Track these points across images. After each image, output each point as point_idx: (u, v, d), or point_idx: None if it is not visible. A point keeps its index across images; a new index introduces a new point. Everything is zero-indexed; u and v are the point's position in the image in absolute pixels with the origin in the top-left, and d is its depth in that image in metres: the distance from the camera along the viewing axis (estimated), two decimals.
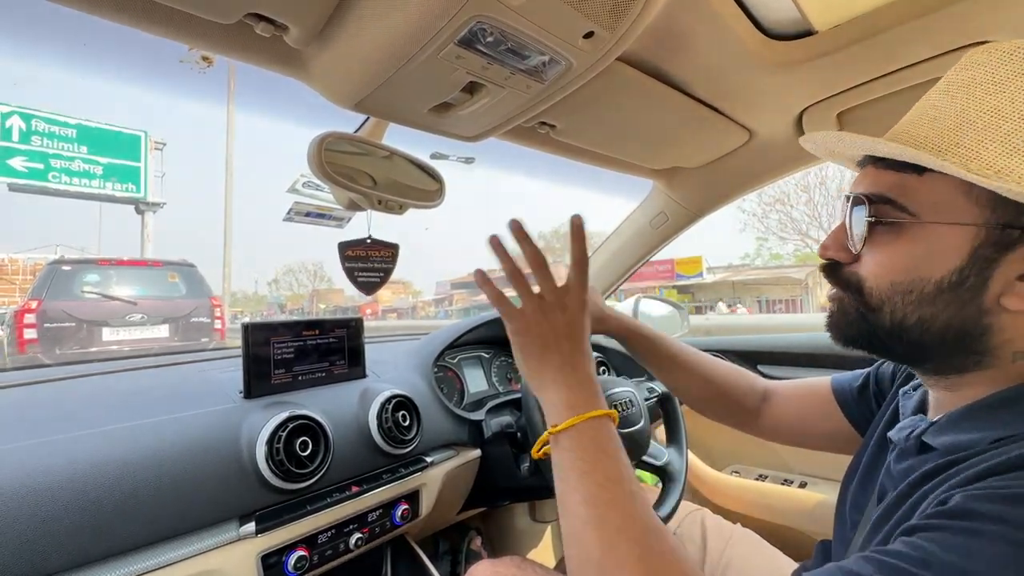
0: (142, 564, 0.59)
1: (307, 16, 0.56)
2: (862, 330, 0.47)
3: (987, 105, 0.39)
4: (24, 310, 5.19)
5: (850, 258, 0.47)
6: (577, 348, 0.55)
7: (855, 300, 0.46)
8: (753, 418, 0.79)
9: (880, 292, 0.44)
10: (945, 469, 0.40)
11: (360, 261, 0.86)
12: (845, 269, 0.48)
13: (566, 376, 0.53)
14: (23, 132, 9.04)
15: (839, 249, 0.48)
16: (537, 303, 0.56)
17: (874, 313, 0.45)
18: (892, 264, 0.43)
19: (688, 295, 21.13)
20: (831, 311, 0.50)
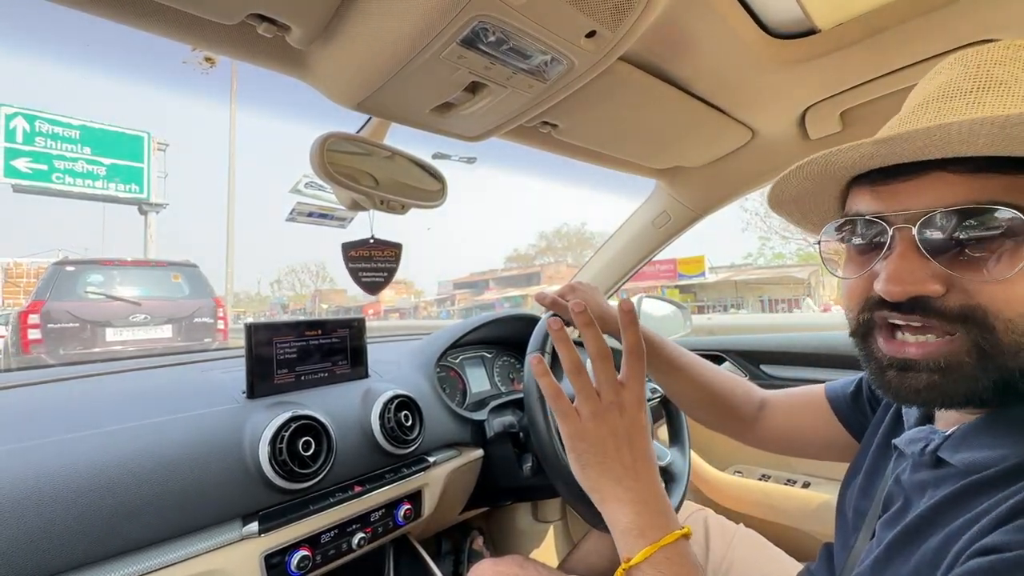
0: (145, 564, 0.59)
1: (309, 16, 0.56)
2: (986, 383, 0.37)
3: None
4: (28, 311, 5.21)
5: (944, 290, 0.37)
6: (640, 455, 0.50)
7: (977, 342, 0.36)
8: (749, 428, 0.79)
9: (1012, 323, 0.36)
10: (968, 496, 0.38)
11: (364, 261, 0.86)
12: (942, 302, 0.37)
13: (628, 491, 0.49)
14: (27, 133, 9.08)
15: (929, 278, 0.37)
16: (595, 405, 0.51)
17: (1010, 356, 0.36)
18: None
19: (690, 295, 21.11)
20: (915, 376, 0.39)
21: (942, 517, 0.39)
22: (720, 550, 0.87)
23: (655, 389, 1.06)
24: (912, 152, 0.37)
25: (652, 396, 1.03)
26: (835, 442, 0.69)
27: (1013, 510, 0.33)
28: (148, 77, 35.83)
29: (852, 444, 0.65)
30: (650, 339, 0.82)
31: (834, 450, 0.70)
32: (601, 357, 0.52)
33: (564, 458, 0.74)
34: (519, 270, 40.14)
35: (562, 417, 0.52)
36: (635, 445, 0.51)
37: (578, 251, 43.10)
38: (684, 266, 21.20)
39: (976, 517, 0.36)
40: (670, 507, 0.50)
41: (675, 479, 0.91)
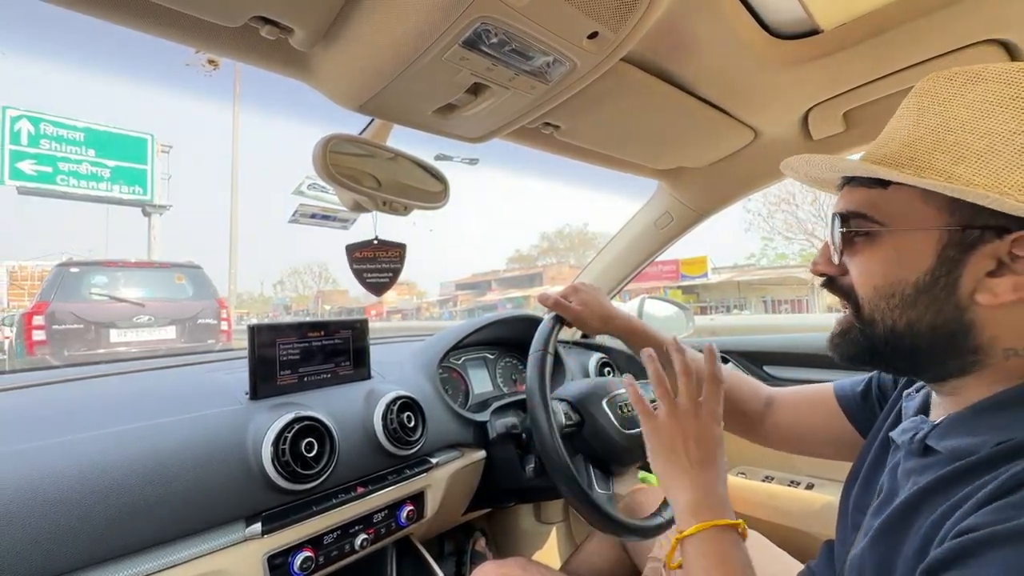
0: (149, 565, 0.59)
1: (312, 19, 0.56)
2: (863, 346, 0.48)
3: (934, 122, 0.44)
4: (33, 312, 5.23)
5: (837, 271, 0.50)
6: (706, 457, 0.56)
7: (854, 315, 0.48)
8: (757, 425, 0.79)
9: (867, 299, 0.46)
10: (952, 482, 0.41)
11: (369, 262, 0.86)
12: (839, 280, 0.51)
13: (693, 479, 0.55)
14: (32, 136, 9.13)
15: (827, 264, 0.52)
16: (672, 408, 0.58)
17: (870, 326, 0.47)
18: (871, 270, 0.46)
19: (693, 295, 21.05)
20: (834, 335, 0.52)
21: (926, 503, 0.41)
22: None
23: None
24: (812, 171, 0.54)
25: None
26: (842, 440, 0.69)
27: (991, 493, 0.36)
28: (152, 80, 36.01)
29: (858, 442, 0.65)
30: (655, 338, 0.82)
31: (841, 448, 0.70)
32: (686, 373, 0.60)
33: (571, 466, 0.74)
34: (521, 271, 40.13)
35: (644, 416, 0.60)
36: (703, 447, 0.57)
37: (580, 252, 43.06)
38: (687, 267, 21.16)
39: (959, 502, 0.38)
40: (727, 502, 0.55)
41: None
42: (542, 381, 0.76)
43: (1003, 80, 0.41)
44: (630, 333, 0.82)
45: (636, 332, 0.82)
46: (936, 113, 0.44)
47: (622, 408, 0.89)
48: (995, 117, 0.40)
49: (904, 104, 0.48)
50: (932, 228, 0.42)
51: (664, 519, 0.82)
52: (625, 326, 0.83)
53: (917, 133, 0.44)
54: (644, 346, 0.82)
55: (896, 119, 0.48)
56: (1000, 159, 0.39)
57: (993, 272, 0.41)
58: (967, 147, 0.41)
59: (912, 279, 0.43)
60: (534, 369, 0.77)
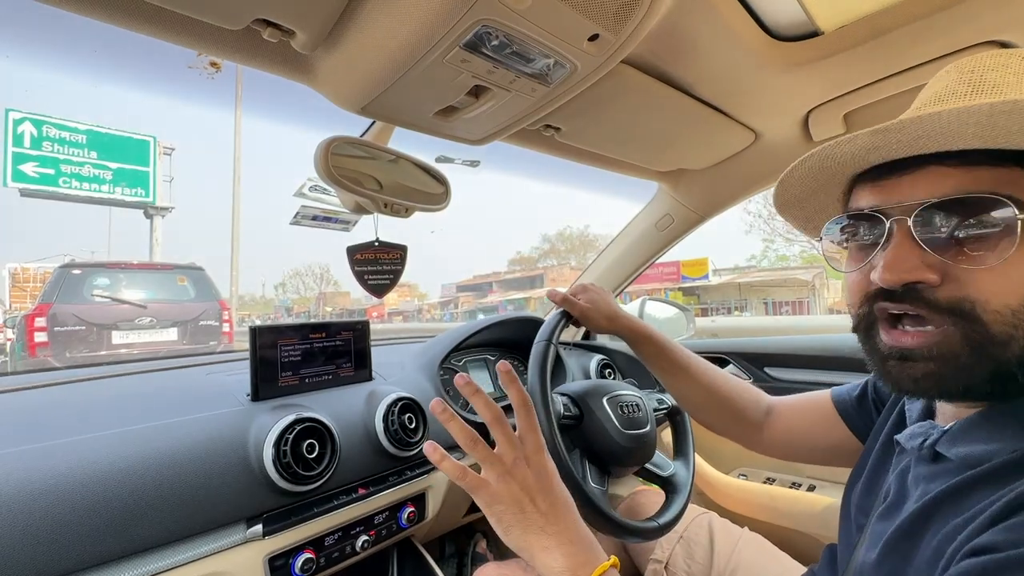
0: (150, 566, 0.59)
1: (314, 22, 0.57)
2: (978, 375, 0.38)
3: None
4: (35, 314, 5.25)
5: (938, 279, 0.38)
6: (554, 499, 0.51)
7: (968, 333, 0.37)
8: (757, 432, 0.78)
9: (1009, 312, 0.36)
10: (964, 492, 0.39)
11: (369, 264, 0.86)
12: (935, 293, 0.38)
13: (552, 537, 0.49)
14: (34, 138, 9.17)
15: (922, 268, 0.38)
16: (499, 467, 0.51)
17: (1001, 346, 0.36)
18: (1019, 275, 0.36)
19: (694, 297, 21.03)
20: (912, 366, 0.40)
21: (938, 513, 0.39)
22: (725, 553, 0.87)
23: (662, 400, 1.05)
24: (907, 143, 0.38)
25: (659, 407, 1.03)
26: (842, 447, 0.69)
27: (1007, 508, 0.34)
28: (154, 82, 36.15)
29: (858, 449, 0.65)
30: (659, 340, 0.82)
31: (841, 455, 0.70)
32: (496, 421, 0.53)
33: (567, 461, 0.74)
34: (522, 273, 40.13)
35: (473, 490, 0.51)
36: (548, 490, 0.51)
37: (581, 254, 43.07)
38: (688, 268, 21.15)
39: (972, 516, 0.36)
40: (594, 541, 0.50)
41: (677, 490, 0.91)
42: (543, 371, 0.76)
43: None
44: (633, 333, 0.83)
45: (639, 333, 0.83)
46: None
47: (623, 408, 0.88)
48: None
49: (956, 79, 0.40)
50: None
51: (665, 520, 0.82)
52: (629, 326, 0.83)
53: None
54: (646, 346, 0.82)
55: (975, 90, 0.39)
56: None
57: None
58: None
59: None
60: (537, 358, 0.77)
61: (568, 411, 0.86)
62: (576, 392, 0.90)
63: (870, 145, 0.40)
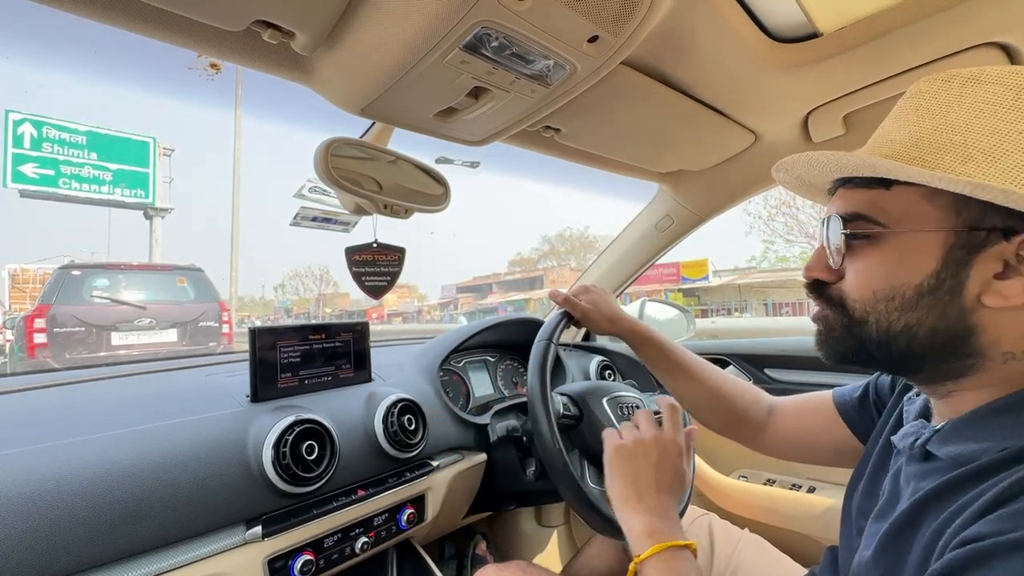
0: (149, 568, 0.59)
1: (314, 23, 0.57)
2: (850, 345, 0.48)
3: (935, 123, 0.43)
4: (34, 315, 5.24)
5: (833, 276, 0.49)
6: (664, 483, 0.60)
7: (840, 315, 0.48)
8: (758, 432, 0.78)
9: (864, 303, 0.45)
10: (953, 489, 0.40)
11: (367, 265, 0.86)
12: (829, 288, 0.50)
13: (647, 503, 0.58)
14: (34, 139, 9.17)
15: (822, 269, 0.50)
16: (635, 434, 0.64)
17: (860, 326, 0.46)
18: (871, 273, 0.45)
19: (694, 298, 21.02)
20: (818, 331, 0.51)
21: (929, 510, 0.41)
22: (725, 555, 0.87)
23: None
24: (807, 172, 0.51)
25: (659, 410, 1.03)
26: (843, 448, 0.69)
27: (993, 501, 0.35)
28: (154, 83, 36.22)
29: (860, 450, 0.65)
30: (660, 341, 0.82)
31: (843, 456, 0.70)
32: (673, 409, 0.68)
33: (567, 462, 0.74)
34: (522, 274, 40.14)
35: (608, 436, 0.65)
36: (662, 473, 0.61)
37: (581, 255, 43.08)
38: (687, 269, 21.14)
39: (959, 509, 0.38)
40: (680, 526, 0.57)
41: None
42: (543, 370, 0.76)
43: (1003, 83, 0.41)
44: (634, 335, 0.83)
45: (640, 334, 0.83)
46: (937, 114, 0.43)
47: (623, 409, 0.88)
48: (1000, 118, 0.40)
49: (900, 106, 0.48)
50: (938, 229, 0.41)
51: None
52: (630, 327, 0.83)
53: (919, 133, 0.43)
54: (647, 348, 0.83)
55: (892, 120, 0.48)
56: (1009, 158, 0.38)
57: (1000, 274, 0.40)
58: (974, 146, 0.40)
59: (915, 282, 0.42)
60: (537, 358, 0.77)
61: (568, 411, 0.86)
62: (576, 392, 0.90)
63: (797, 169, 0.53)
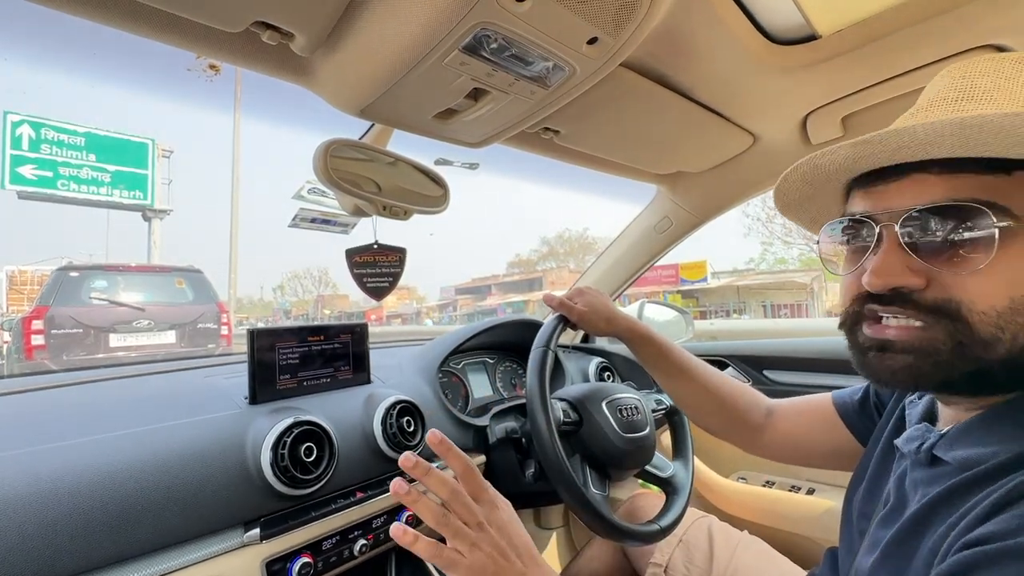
0: (147, 570, 0.59)
1: (313, 24, 0.57)
2: (963, 368, 0.39)
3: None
4: (32, 316, 5.23)
5: (923, 282, 0.40)
6: (525, 551, 0.52)
7: (953, 331, 0.38)
8: (757, 435, 0.78)
9: (997, 315, 0.37)
10: (959, 494, 0.39)
11: (368, 267, 0.86)
12: (922, 295, 0.40)
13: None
14: (33, 140, 9.15)
15: (907, 272, 0.40)
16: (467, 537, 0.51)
17: (985, 346, 0.38)
18: (1007, 278, 0.37)
19: (693, 300, 21.04)
20: (892, 357, 0.41)
21: (935, 515, 0.40)
22: (724, 557, 0.87)
23: (660, 400, 1.05)
24: (887, 153, 0.40)
25: (658, 407, 1.03)
26: (842, 450, 0.69)
27: (997, 504, 0.35)
28: (153, 84, 36.23)
29: (859, 452, 0.65)
30: (659, 342, 0.82)
31: (841, 458, 0.70)
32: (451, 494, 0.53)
33: (567, 464, 0.74)
34: (521, 275, 40.17)
35: (449, 567, 0.50)
36: (517, 545, 0.52)
37: (580, 256, 43.13)
38: (686, 271, 21.16)
39: (966, 512, 0.37)
40: None
41: (677, 491, 0.91)
42: (542, 377, 0.76)
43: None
44: (632, 335, 0.83)
45: (638, 334, 0.82)
46: None
47: (623, 411, 0.88)
48: None
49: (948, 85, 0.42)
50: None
51: (666, 523, 0.82)
52: (628, 327, 0.83)
53: None
54: (646, 348, 0.82)
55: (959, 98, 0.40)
56: None
57: None
58: None
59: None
60: (535, 365, 0.77)
61: (567, 417, 0.86)
62: (575, 397, 0.89)
63: (853, 156, 0.42)
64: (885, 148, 0.40)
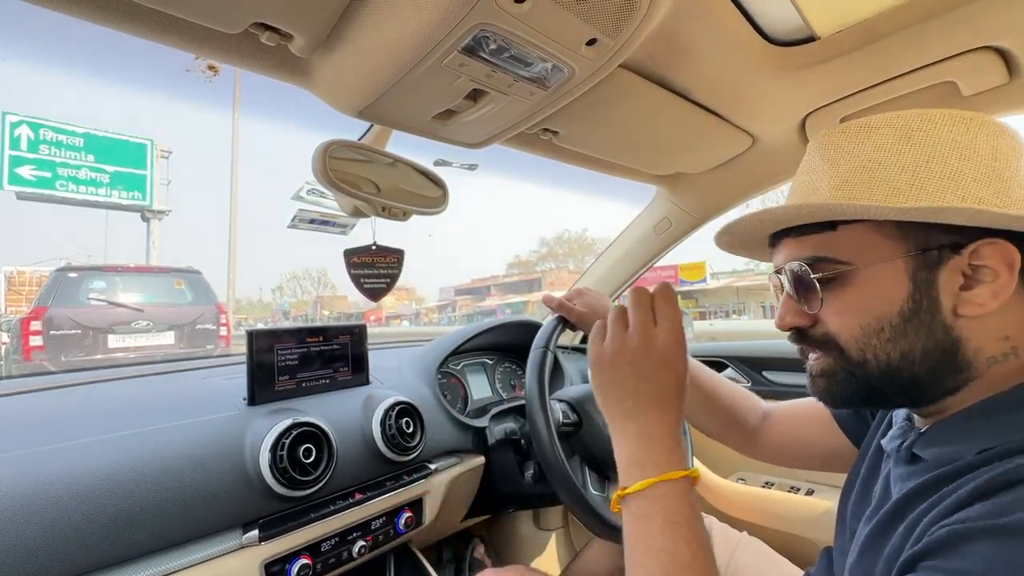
0: (146, 572, 0.59)
1: (312, 25, 0.57)
2: (855, 387, 0.46)
3: (851, 167, 0.45)
4: (30, 317, 5.22)
5: (810, 321, 0.48)
6: (659, 395, 0.51)
7: (837, 358, 0.47)
8: (753, 437, 0.79)
9: (856, 340, 0.45)
10: (934, 487, 0.41)
11: (366, 268, 0.86)
12: (812, 331, 0.49)
13: (639, 424, 0.50)
14: (31, 141, 9.14)
15: (797, 315, 0.49)
16: (620, 343, 0.53)
17: (860, 366, 0.45)
18: (853, 309, 0.45)
19: (692, 301, 21.06)
20: (815, 381, 0.50)
21: (909, 507, 0.42)
22: (724, 558, 0.87)
23: None
24: (764, 225, 0.50)
25: None
26: (838, 453, 0.69)
27: (971, 494, 0.36)
28: (152, 85, 36.24)
29: (854, 454, 0.65)
30: None
31: (838, 461, 0.70)
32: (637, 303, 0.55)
33: (566, 465, 0.74)
34: (521, 276, 40.18)
35: (592, 341, 0.56)
36: (659, 382, 0.52)
37: (579, 257, 43.16)
38: (686, 272, 21.16)
39: (938, 501, 0.39)
40: (681, 449, 0.50)
41: None
42: (541, 378, 0.76)
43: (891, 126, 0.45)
44: None
45: None
46: (848, 159, 0.46)
47: None
48: (904, 153, 0.43)
49: (807, 161, 0.50)
50: (896, 256, 0.43)
51: None
52: None
53: (843, 176, 0.45)
54: None
55: (806, 173, 0.49)
56: (929, 184, 0.41)
57: (964, 286, 0.41)
58: (896, 180, 0.42)
59: (896, 309, 0.43)
60: (534, 366, 0.77)
61: (567, 418, 0.85)
62: (574, 398, 0.89)
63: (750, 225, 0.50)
64: (760, 221, 0.49)
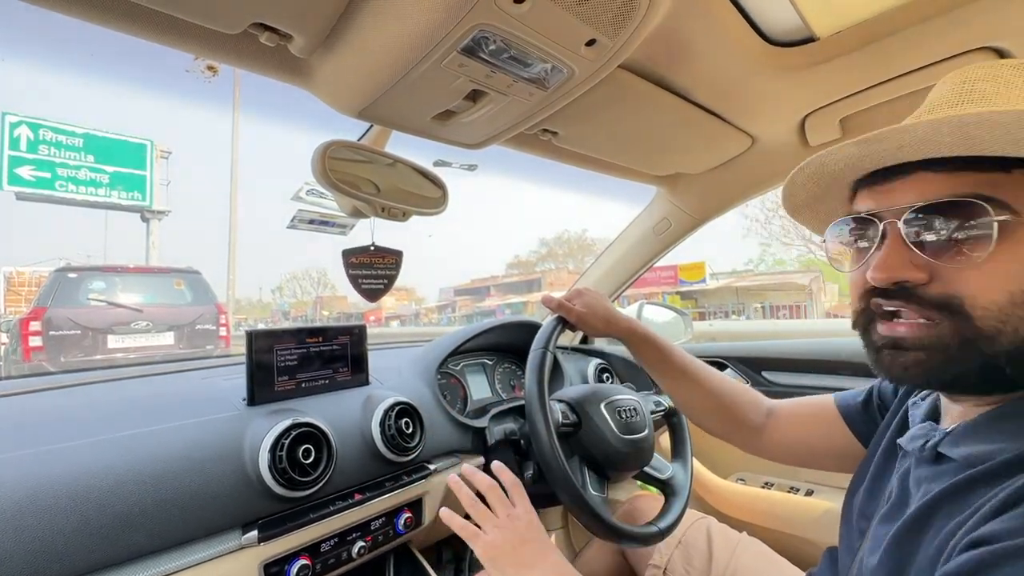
0: (145, 573, 0.58)
1: (311, 26, 0.57)
2: (971, 365, 0.39)
3: None
4: (30, 318, 5.21)
5: (926, 277, 0.40)
6: (542, 543, 0.65)
7: (961, 327, 0.39)
8: (755, 436, 0.78)
9: (997, 307, 0.38)
10: (967, 488, 0.39)
11: (364, 268, 0.86)
12: (926, 290, 0.40)
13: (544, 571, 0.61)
14: (31, 142, 9.13)
15: (910, 267, 0.41)
16: (493, 520, 0.66)
17: (989, 340, 0.38)
18: (1009, 271, 0.37)
19: (692, 301, 21.06)
20: (902, 355, 0.42)
21: (940, 511, 0.40)
22: (724, 559, 0.87)
23: (659, 402, 1.05)
24: (890, 152, 0.41)
25: (656, 409, 1.03)
26: (844, 452, 0.69)
27: (1005, 502, 0.35)
28: (152, 85, 36.27)
29: (859, 454, 0.65)
30: (659, 343, 0.82)
31: (841, 460, 0.69)
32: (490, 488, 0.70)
33: (566, 466, 0.74)
34: (520, 276, 40.20)
35: (472, 538, 0.66)
36: (537, 539, 0.65)
37: (579, 257, 43.16)
38: (685, 272, 21.16)
39: (972, 511, 0.37)
40: None
41: (676, 493, 0.91)
42: (541, 379, 0.76)
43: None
44: (632, 335, 0.82)
45: (638, 335, 0.82)
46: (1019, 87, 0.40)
47: (621, 413, 0.88)
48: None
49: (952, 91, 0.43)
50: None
51: (666, 524, 0.82)
52: (627, 328, 0.82)
53: None
54: (645, 349, 0.82)
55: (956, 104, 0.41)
56: None
57: None
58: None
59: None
60: (534, 366, 0.77)
61: (566, 419, 0.85)
62: (573, 399, 0.89)
63: (857, 154, 0.43)
64: (887, 146, 0.41)
